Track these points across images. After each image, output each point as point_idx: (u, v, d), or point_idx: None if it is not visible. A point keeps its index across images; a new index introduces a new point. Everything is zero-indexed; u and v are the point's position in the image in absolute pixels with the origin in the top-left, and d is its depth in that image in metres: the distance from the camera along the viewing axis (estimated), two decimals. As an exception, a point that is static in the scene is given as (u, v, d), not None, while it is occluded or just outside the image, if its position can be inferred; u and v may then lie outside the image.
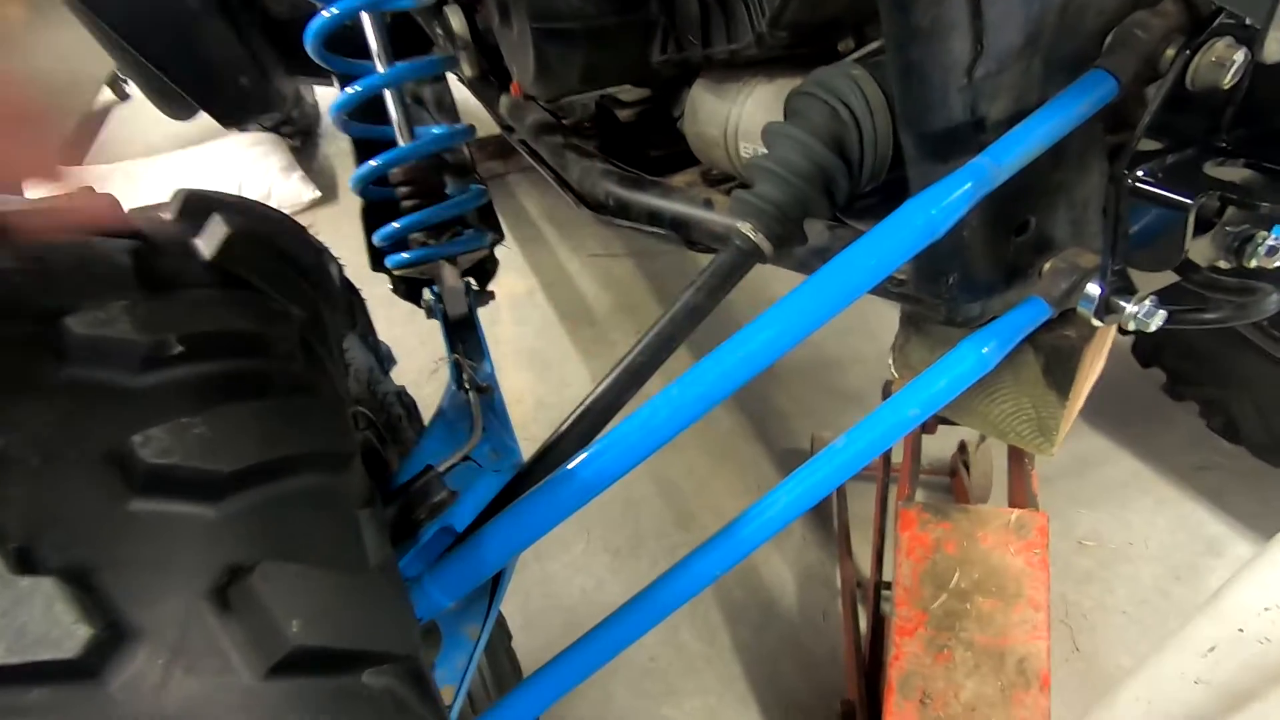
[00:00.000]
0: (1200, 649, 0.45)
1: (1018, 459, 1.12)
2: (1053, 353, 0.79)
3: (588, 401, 0.76)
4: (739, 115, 0.95)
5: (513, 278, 2.61)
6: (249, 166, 2.96)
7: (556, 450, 0.74)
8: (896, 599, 1.02)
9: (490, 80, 1.52)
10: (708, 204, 0.97)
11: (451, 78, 1.65)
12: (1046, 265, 0.74)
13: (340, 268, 0.83)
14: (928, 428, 1.18)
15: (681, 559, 0.75)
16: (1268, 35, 0.43)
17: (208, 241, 0.54)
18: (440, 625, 0.84)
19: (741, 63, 0.95)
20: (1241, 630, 0.41)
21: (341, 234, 2.48)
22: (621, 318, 2.36)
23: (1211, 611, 0.46)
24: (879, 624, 1.22)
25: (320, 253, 0.72)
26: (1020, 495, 1.08)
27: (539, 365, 2.23)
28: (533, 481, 0.70)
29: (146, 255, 0.49)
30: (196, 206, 0.60)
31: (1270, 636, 0.40)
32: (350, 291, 0.87)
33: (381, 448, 0.98)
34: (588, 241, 2.69)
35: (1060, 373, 0.80)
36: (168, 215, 0.60)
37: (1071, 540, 1.54)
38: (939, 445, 1.62)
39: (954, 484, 1.58)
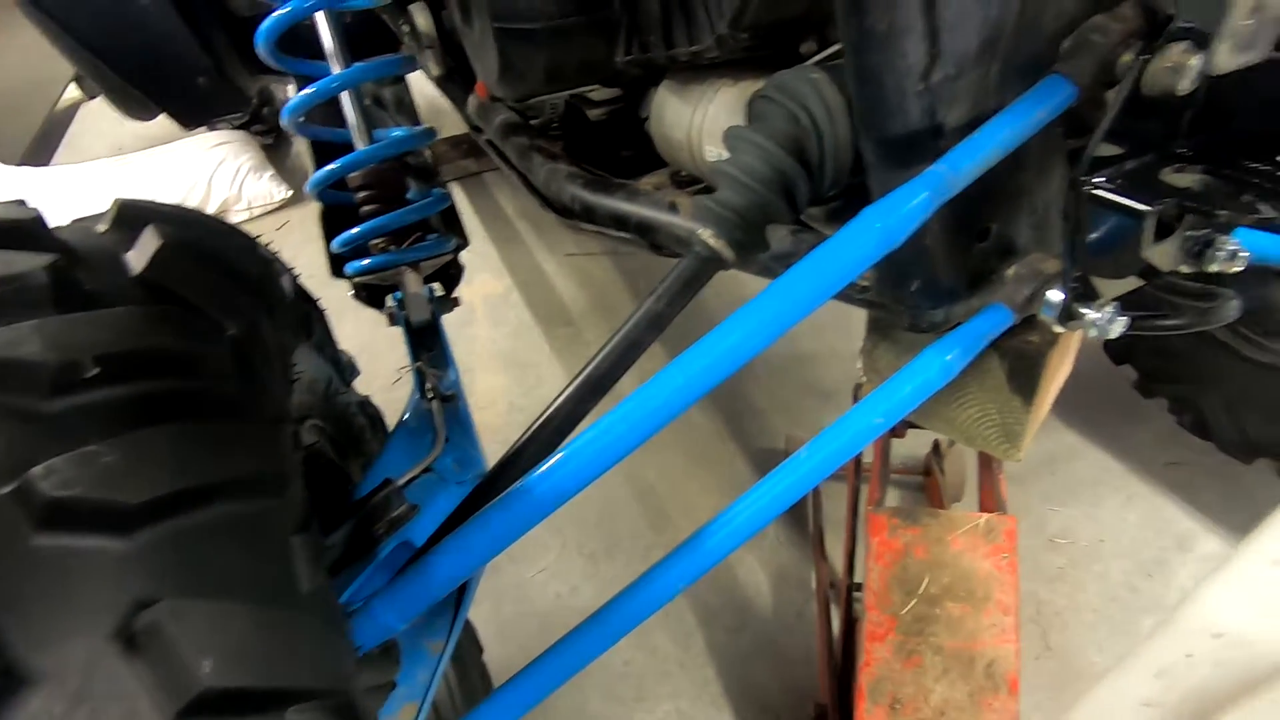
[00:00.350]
0: (1151, 671, 0.44)
1: (987, 463, 1.12)
2: (1017, 358, 0.79)
3: (548, 412, 0.75)
4: (703, 118, 0.94)
5: (488, 278, 2.58)
6: (218, 165, 2.90)
7: (516, 463, 0.72)
8: (866, 604, 1.01)
9: (458, 79, 1.49)
10: (672, 208, 0.95)
11: (419, 75, 1.62)
12: (1009, 271, 0.73)
13: (293, 277, 0.81)
14: (896, 432, 1.17)
15: (644, 573, 0.73)
16: (1217, 44, 0.42)
17: (138, 255, 0.52)
18: (400, 641, 0.82)
19: (705, 64, 0.93)
20: (1190, 655, 0.41)
21: (313, 235, 2.43)
22: (598, 317, 2.35)
23: (1162, 634, 0.46)
24: (851, 627, 1.21)
25: (268, 263, 0.70)
26: (989, 499, 1.08)
27: (515, 367, 2.21)
28: (491, 497, 0.68)
29: (67, 271, 0.47)
30: (132, 217, 0.57)
31: (1219, 662, 0.39)
32: (305, 302, 0.85)
33: (341, 460, 0.95)
34: (564, 241, 2.67)
35: (1024, 378, 0.79)
36: (102, 226, 0.58)
37: (1043, 538, 1.55)
38: (913, 445, 1.63)
39: (928, 484, 1.58)
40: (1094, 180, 0.59)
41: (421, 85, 1.73)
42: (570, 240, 2.65)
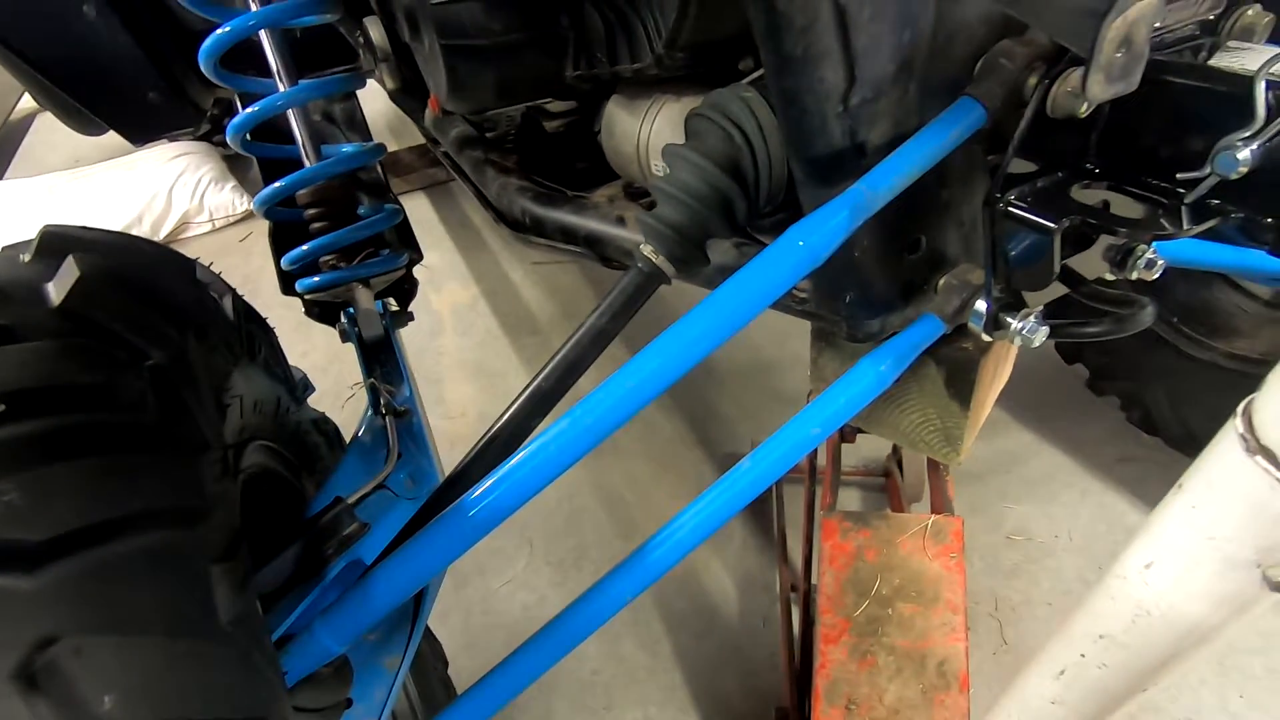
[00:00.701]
0: (1054, 671, 0.46)
1: (935, 466, 1.15)
2: (952, 365, 0.81)
3: (495, 428, 0.76)
4: (649, 133, 0.95)
5: (456, 287, 2.57)
6: (178, 177, 2.86)
7: (464, 479, 0.72)
8: (821, 607, 1.03)
9: (414, 92, 1.49)
10: (620, 221, 0.96)
11: (375, 88, 1.61)
12: (940, 282, 0.76)
13: (236, 298, 0.81)
14: (846, 437, 1.20)
15: (592, 586, 0.74)
16: (1091, 75, 0.44)
17: (58, 286, 0.51)
18: (354, 659, 0.82)
19: (650, 80, 0.95)
20: (1083, 656, 0.43)
21: (275, 247, 2.40)
22: (566, 326, 2.35)
23: (1061, 636, 0.48)
24: (810, 630, 1.23)
25: (203, 286, 0.70)
26: (938, 500, 1.10)
27: (483, 377, 2.21)
28: (438, 513, 0.69)
29: (-23, 305, 0.47)
30: (56, 246, 0.57)
31: (1106, 663, 0.42)
32: (250, 321, 0.84)
33: (295, 479, 0.95)
34: (531, 249, 2.67)
35: (960, 384, 0.82)
36: (26, 256, 0.57)
37: (1000, 535, 1.58)
38: (874, 446, 1.66)
39: (888, 485, 1.61)
40: (1008, 197, 0.61)
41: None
42: (537, 249, 2.66)
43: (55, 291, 0.50)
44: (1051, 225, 0.58)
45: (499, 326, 2.38)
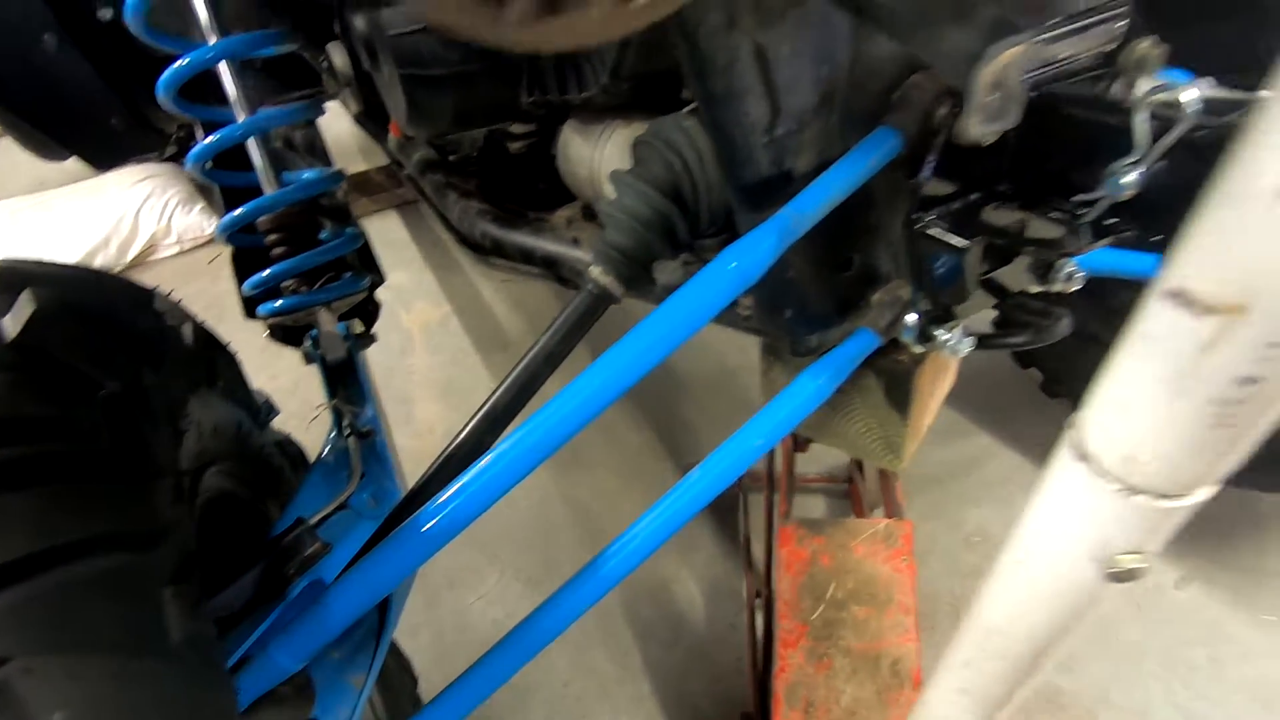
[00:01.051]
0: (961, 662, 0.50)
1: (886, 471, 1.19)
2: (890, 376, 0.85)
3: (451, 448, 0.78)
4: (600, 158, 0.98)
5: (426, 305, 2.58)
6: (145, 200, 2.84)
7: (421, 498, 0.74)
8: (778, 612, 1.06)
9: (377, 116, 1.52)
10: (575, 242, 1.00)
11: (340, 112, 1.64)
12: (874, 297, 0.80)
13: (196, 325, 0.82)
14: (799, 446, 1.23)
15: (540, 604, 0.77)
16: (968, 115, 0.49)
17: (13, 321, 0.53)
18: (316, 677, 0.83)
19: (600, 107, 0.98)
20: (981, 648, 0.46)
21: (243, 268, 2.39)
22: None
23: (964, 629, 0.51)
24: (771, 635, 1.26)
25: (160, 316, 0.71)
26: (889, 505, 1.14)
27: (453, 394, 2.22)
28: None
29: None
30: (10, 280, 0.59)
31: (1001, 653, 0.45)
32: (210, 348, 0.86)
33: (258, 501, 0.96)
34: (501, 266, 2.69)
35: (898, 394, 0.86)
36: (-20, 291, 0.59)
37: (959, 537, 1.63)
38: (838, 454, 1.70)
39: (851, 491, 1.65)
40: (927, 218, 0.65)
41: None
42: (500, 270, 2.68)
43: (10, 326, 0.51)
44: (961, 245, 0.62)
45: (469, 344, 2.39)
